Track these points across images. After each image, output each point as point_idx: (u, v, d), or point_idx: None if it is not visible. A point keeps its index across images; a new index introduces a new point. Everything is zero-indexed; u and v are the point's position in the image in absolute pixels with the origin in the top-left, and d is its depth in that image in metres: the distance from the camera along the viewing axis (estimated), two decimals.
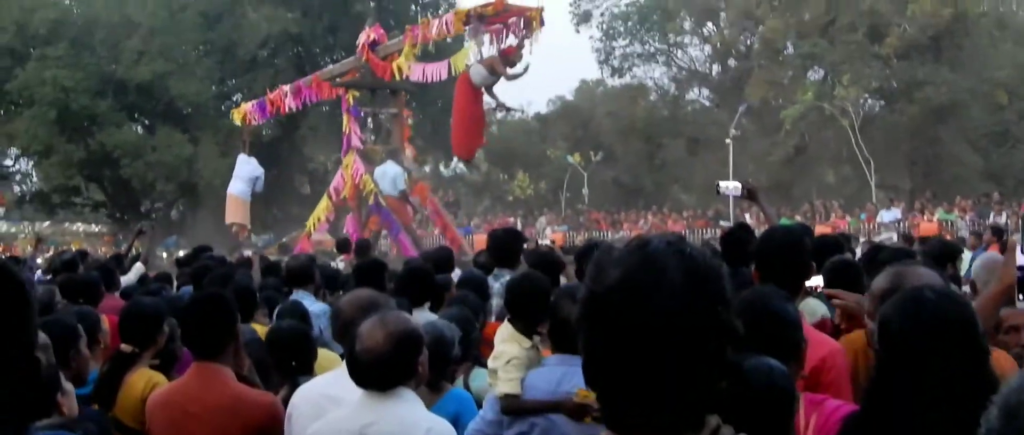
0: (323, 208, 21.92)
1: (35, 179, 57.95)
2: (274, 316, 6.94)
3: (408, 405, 3.69)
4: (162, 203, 51.91)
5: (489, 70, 19.09)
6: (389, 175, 20.45)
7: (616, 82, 55.38)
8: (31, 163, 55.46)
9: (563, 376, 4.60)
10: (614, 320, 1.84)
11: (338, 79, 22.45)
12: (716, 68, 53.91)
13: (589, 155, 51.31)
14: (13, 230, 57.11)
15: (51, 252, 18.18)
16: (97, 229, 59.05)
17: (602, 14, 53.33)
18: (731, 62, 51.85)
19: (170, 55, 46.15)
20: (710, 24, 51.91)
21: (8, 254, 22.51)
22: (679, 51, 53.68)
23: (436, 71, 20.04)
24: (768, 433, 2.78)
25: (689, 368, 1.82)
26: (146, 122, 50.99)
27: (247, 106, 24.38)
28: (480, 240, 21.91)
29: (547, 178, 56.43)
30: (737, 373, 2.78)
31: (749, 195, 7.06)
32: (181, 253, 15.32)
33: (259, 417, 4.36)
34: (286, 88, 23.20)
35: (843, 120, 40.11)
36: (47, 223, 58.44)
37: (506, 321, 5.23)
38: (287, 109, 23.54)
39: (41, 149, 47.78)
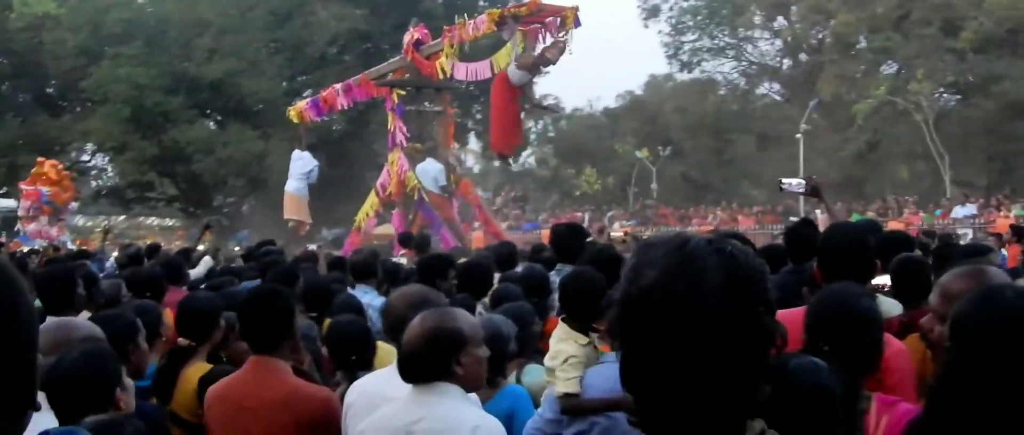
0: (371, 204, 22.16)
1: (110, 174, 58.88)
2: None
3: (455, 402, 3.64)
4: (233, 198, 52.47)
5: (526, 70, 19.35)
6: (431, 172, 20.72)
7: (685, 77, 55.13)
8: (106, 159, 56.34)
9: None
10: (650, 323, 1.78)
11: (384, 78, 22.61)
12: (787, 63, 53.36)
13: (657, 150, 51.14)
14: (89, 224, 57.94)
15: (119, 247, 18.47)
16: (170, 223, 59.91)
17: (671, 9, 53.12)
18: (802, 56, 51.29)
19: (241, 53, 46.62)
20: (781, 18, 51.36)
21: (82, 247, 22.86)
22: (749, 45, 53.25)
23: (479, 70, 20.26)
24: (815, 433, 2.71)
25: (729, 372, 1.75)
26: (218, 118, 51.64)
27: (302, 104, 24.58)
28: (547, 236, 21.88)
29: (615, 173, 56.25)
30: (782, 374, 2.71)
31: (813, 192, 6.95)
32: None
33: (314, 412, 4.34)
34: (338, 86, 23.27)
35: (917, 115, 39.46)
36: (122, 217, 59.36)
37: (561, 319, 5.18)
38: (339, 107, 23.58)
39: (116, 145, 48.55)
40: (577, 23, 18.93)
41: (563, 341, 4.95)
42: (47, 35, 49.61)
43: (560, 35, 18.88)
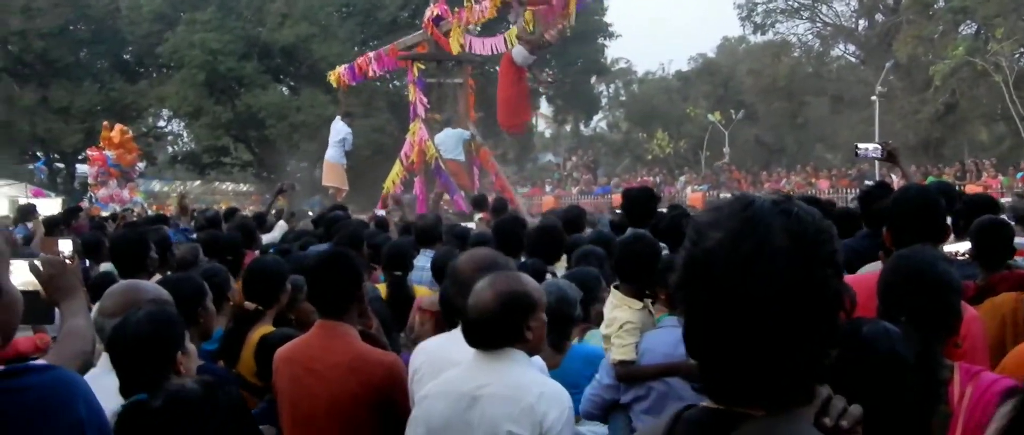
0: (396, 172, 22.53)
1: (185, 140, 59.68)
2: None
3: (520, 367, 3.61)
4: (306, 163, 52.87)
5: (529, 50, 19.94)
6: (448, 141, 21.35)
7: (758, 39, 54.52)
8: (182, 124, 57.11)
9: (681, 338, 4.48)
10: (714, 285, 1.72)
11: (409, 51, 23.22)
12: (862, 24, 52.51)
13: (730, 113, 50.73)
14: (166, 189, 58.83)
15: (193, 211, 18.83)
16: (245, 188, 60.59)
17: None
18: (878, 17, 50.42)
19: (313, 18, 46.94)
20: None
21: (159, 212, 23.20)
22: (824, 6, 52.43)
23: (494, 44, 20.87)
24: (886, 400, 2.64)
25: (795, 336, 1.69)
26: (290, 84, 52.03)
27: (341, 69, 25.00)
28: (618, 200, 22.00)
29: (687, 137, 55.96)
30: (854, 340, 2.63)
31: (889, 157, 6.83)
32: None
33: (379, 376, 4.34)
34: (371, 55, 24.14)
35: (996, 76, 38.63)
36: (198, 182, 60.16)
37: (613, 286, 5.13)
38: (371, 74, 24.24)
39: (191, 110, 49.20)
40: (580, 5, 19.89)
41: (617, 308, 4.93)
42: (123, 1, 50.30)
43: (562, 21, 19.50)
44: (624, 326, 4.78)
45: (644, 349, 4.69)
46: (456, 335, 4.13)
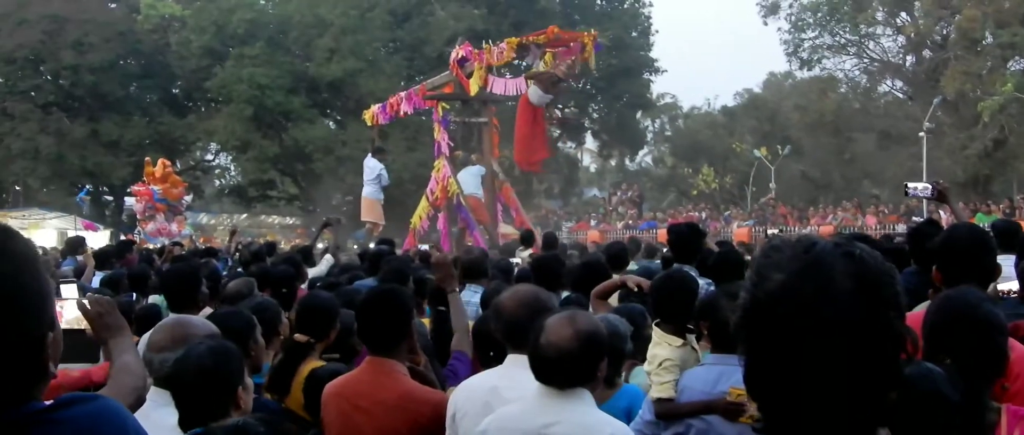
0: (422, 208, 23.17)
1: (233, 173, 60.13)
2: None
3: (587, 406, 3.61)
4: (352, 196, 53.16)
5: (544, 89, 20.64)
6: (470, 176, 22.08)
7: (805, 74, 54.23)
8: (229, 158, 57.55)
9: (720, 376, 4.49)
10: (777, 329, 1.73)
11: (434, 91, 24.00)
12: (910, 59, 52.10)
13: (776, 149, 50.50)
14: (212, 222, 59.30)
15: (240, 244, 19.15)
16: (290, 221, 60.92)
17: (791, 5, 52.10)
18: (926, 53, 50.02)
19: (360, 53, 47.25)
20: (904, 14, 50.16)
21: (207, 244, 23.39)
22: (871, 42, 52.07)
23: (515, 85, 21.42)
24: None
25: (859, 378, 1.70)
26: (337, 118, 52.35)
27: (375, 108, 25.50)
28: (663, 235, 22.05)
29: (733, 172, 55.76)
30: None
31: (940, 196, 6.79)
32: (371, 246, 15.94)
33: (426, 415, 4.35)
34: (402, 94, 24.71)
35: None
36: (244, 215, 60.54)
37: (654, 323, 5.12)
38: (403, 113, 24.64)
39: (238, 144, 49.64)
40: (597, 47, 20.81)
41: (657, 345, 4.92)
42: (173, 37, 50.97)
43: (573, 59, 20.60)
44: (663, 363, 4.78)
45: (683, 386, 4.69)
46: (500, 372, 4.15)
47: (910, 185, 7.05)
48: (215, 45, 49.78)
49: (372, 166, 23.72)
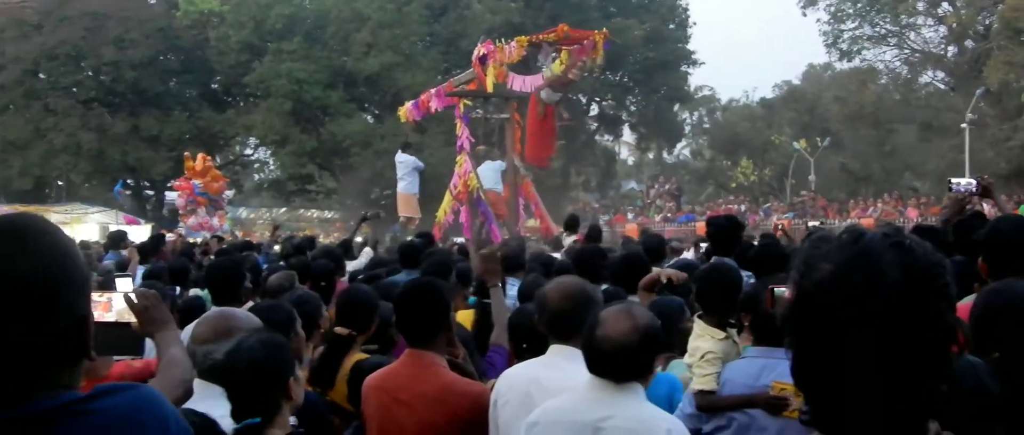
0: (447, 202, 23.52)
1: (271, 167, 60.40)
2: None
3: (641, 400, 3.61)
4: (390, 190, 53.34)
5: (554, 88, 21.43)
6: (490, 171, 22.78)
7: (844, 66, 53.85)
8: (268, 152, 57.82)
9: (762, 369, 4.47)
10: (826, 320, 1.71)
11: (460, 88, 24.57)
12: (951, 50, 51.63)
13: (816, 141, 50.20)
14: (252, 216, 59.64)
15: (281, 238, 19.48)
16: (329, 215, 61.19)
17: None
18: (968, 43, 49.54)
19: (397, 47, 47.36)
20: (945, 4, 49.71)
21: (246, 238, 23.59)
22: (912, 33, 51.66)
23: (532, 82, 21.89)
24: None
25: (908, 371, 1.69)
26: (375, 112, 52.50)
27: (408, 105, 25.94)
28: (701, 228, 22.09)
29: (772, 165, 55.50)
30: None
31: (984, 192, 6.72)
32: (409, 238, 16.10)
33: (466, 407, 4.36)
34: (433, 91, 25.20)
35: None
36: (283, 209, 60.84)
37: (696, 316, 5.10)
38: (432, 110, 25.01)
39: (277, 139, 49.87)
40: (607, 45, 21.11)
41: (699, 338, 4.90)
42: (212, 32, 51.27)
43: (585, 58, 20.95)
44: (706, 356, 4.76)
45: (725, 379, 4.66)
46: (544, 362, 4.14)
47: (954, 180, 7.01)
48: (253, 40, 50.03)
49: (404, 160, 24.47)
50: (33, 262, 1.86)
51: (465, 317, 6.79)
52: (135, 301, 3.67)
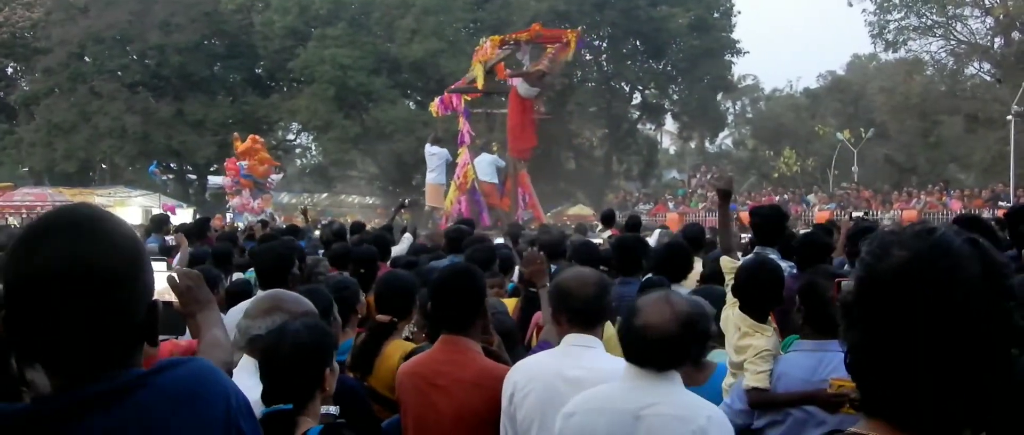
0: (453, 193, 24.51)
1: (314, 153, 60.67)
2: None
3: (681, 388, 3.59)
4: None
5: (531, 83, 22.41)
6: (484, 163, 23.83)
7: (890, 56, 53.45)
8: (311, 138, 58.07)
9: (819, 362, 4.41)
10: (901, 303, 1.71)
11: (456, 86, 26.30)
12: (998, 41, 51.04)
13: (860, 132, 49.84)
14: (293, 201, 59.91)
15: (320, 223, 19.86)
16: (370, 201, 61.39)
17: None
18: (1015, 35, 48.97)
19: (442, 34, 47.43)
20: None
21: (288, 223, 23.80)
22: (958, 24, 51.08)
23: (518, 80, 23.15)
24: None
25: (980, 364, 1.69)
26: (418, 99, 52.62)
27: (436, 101, 26.78)
28: (744, 218, 22.05)
29: (815, 155, 55.16)
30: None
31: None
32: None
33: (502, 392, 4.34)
34: (454, 85, 26.52)
35: None
36: (325, 195, 61.08)
37: (737, 310, 5.04)
38: (452, 108, 25.67)
39: (320, 124, 50.10)
40: (580, 44, 23.16)
41: (749, 335, 4.84)
42: (257, 17, 51.54)
43: (555, 53, 22.46)
44: (761, 353, 4.70)
45: (780, 373, 4.61)
46: (560, 351, 4.14)
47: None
48: (298, 26, 50.27)
49: (436, 153, 25.14)
50: (117, 254, 1.99)
51: (507, 305, 6.79)
52: (177, 281, 3.71)
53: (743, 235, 11.53)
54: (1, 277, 1.98)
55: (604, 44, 55.10)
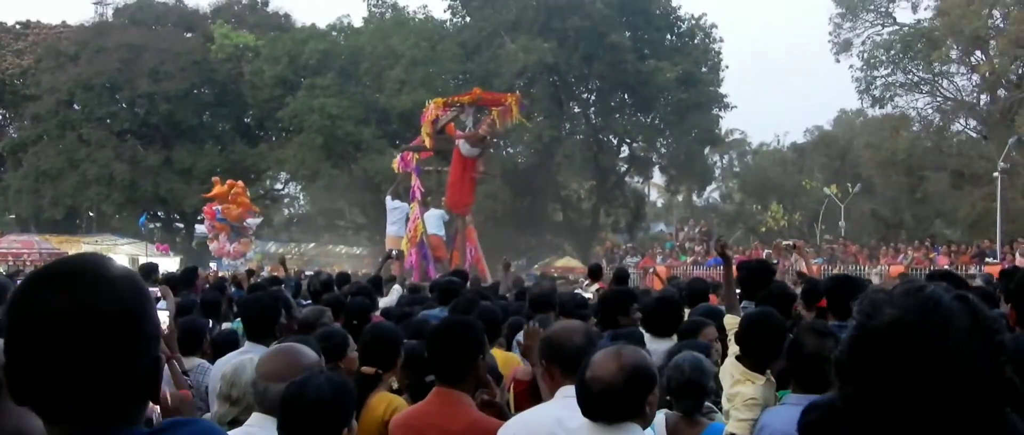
0: (404, 246, 24.82)
1: (302, 202, 60.64)
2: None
3: None
4: None
5: (471, 144, 23.29)
6: (433, 217, 25.00)
7: (877, 112, 53.72)
8: (299, 187, 58.08)
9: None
10: (892, 361, 1.72)
11: (408, 145, 28.02)
12: (984, 98, 51.37)
13: (847, 187, 50.03)
14: (280, 250, 59.83)
15: (300, 273, 20.03)
16: (358, 251, 61.38)
17: (863, 43, 51.78)
18: (1001, 92, 49.34)
19: (430, 85, 47.56)
20: (978, 53, 49.53)
21: (273, 273, 23.83)
22: (945, 80, 51.40)
23: (462, 140, 23.98)
24: None
25: (972, 420, 1.69)
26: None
27: (397, 158, 28.14)
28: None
29: (802, 209, 55.32)
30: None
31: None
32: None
33: None
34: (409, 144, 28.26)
35: None
36: (312, 244, 61.03)
37: (734, 358, 5.05)
38: (407, 166, 26.70)
39: (308, 173, 50.15)
40: (522, 108, 24.19)
41: (740, 382, 4.85)
42: (246, 66, 51.74)
43: (493, 119, 23.65)
44: (747, 401, 4.71)
45: (763, 424, 4.60)
46: (557, 404, 4.12)
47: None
48: (288, 75, 50.43)
49: (397, 207, 26.20)
50: (121, 300, 1.92)
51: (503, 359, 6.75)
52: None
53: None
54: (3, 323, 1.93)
55: (592, 97, 55.32)
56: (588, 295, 11.59)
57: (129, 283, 1.97)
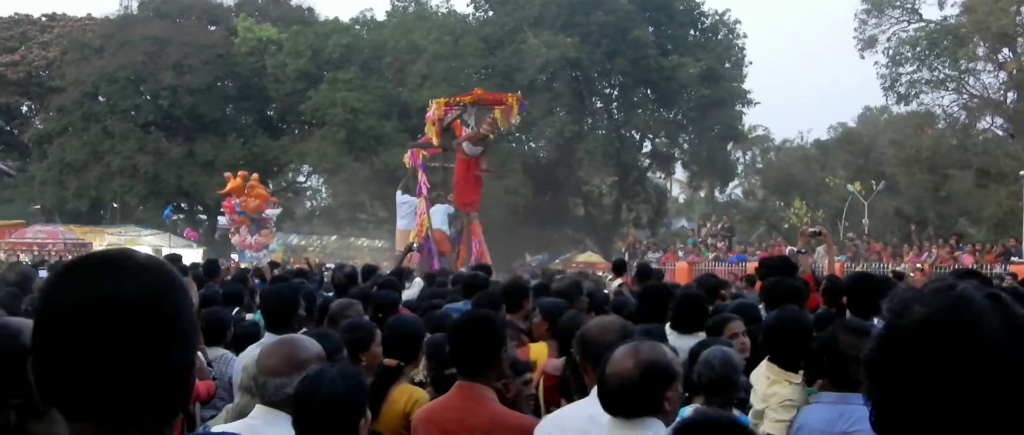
0: (412, 239, 25.25)
1: (324, 195, 60.74)
2: None
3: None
4: None
5: (473, 143, 24.12)
6: (438, 212, 25.56)
7: (902, 109, 53.43)
8: (321, 180, 58.17)
9: (840, 415, 4.36)
10: (922, 361, 1.68)
11: (415, 142, 28.34)
12: (1011, 96, 51.04)
13: (870, 184, 49.78)
14: (303, 243, 60.03)
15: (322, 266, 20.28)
16: (379, 244, 61.43)
17: (888, 40, 51.49)
18: None
19: (453, 79, 47.53)
20: (1006, 50, 49.22)
21: (297, 266, 23.91)
22: (971, 78, 51.04)
23: (466, 139, 24.80)
24: None
25: (1004, 420, 1.65)
26: None
27: (407, 153, 28.09)
28: (752, 267, 22.12)
29: (825, 207, 55.06)
30: None
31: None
32: (462, 270, 16.36)
33: None
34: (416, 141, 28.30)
35: None
36: (334, 237, 61.15)
37: (767, 360, 5.02)
38: (416, 162, 26.88)
39: (330, 167, 50.18)
40: (522, 107, 24.46)
41: (776, 383, 4.81)
42: (269, 60, 51.83)
43: (493, 118, 24.06)
44: (784, 403, 4.68)
45: (800, 424, 4.57)
46: (591, 400, 4.10)
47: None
48: (310, 69, 50.49)
49: (406, 201, 27.01)
50: (153, 296, 1.82)
51: (539, 351, 6.74)
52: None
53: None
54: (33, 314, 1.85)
55: (615, 92, 55.23)
56: (610, 289, 11.57)
57: (167, 278, 1.87)
